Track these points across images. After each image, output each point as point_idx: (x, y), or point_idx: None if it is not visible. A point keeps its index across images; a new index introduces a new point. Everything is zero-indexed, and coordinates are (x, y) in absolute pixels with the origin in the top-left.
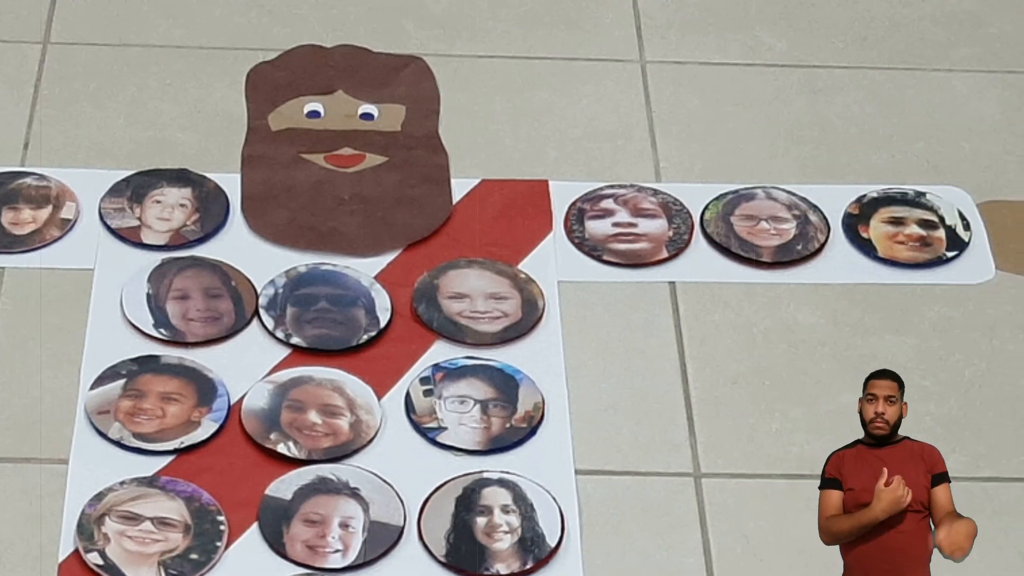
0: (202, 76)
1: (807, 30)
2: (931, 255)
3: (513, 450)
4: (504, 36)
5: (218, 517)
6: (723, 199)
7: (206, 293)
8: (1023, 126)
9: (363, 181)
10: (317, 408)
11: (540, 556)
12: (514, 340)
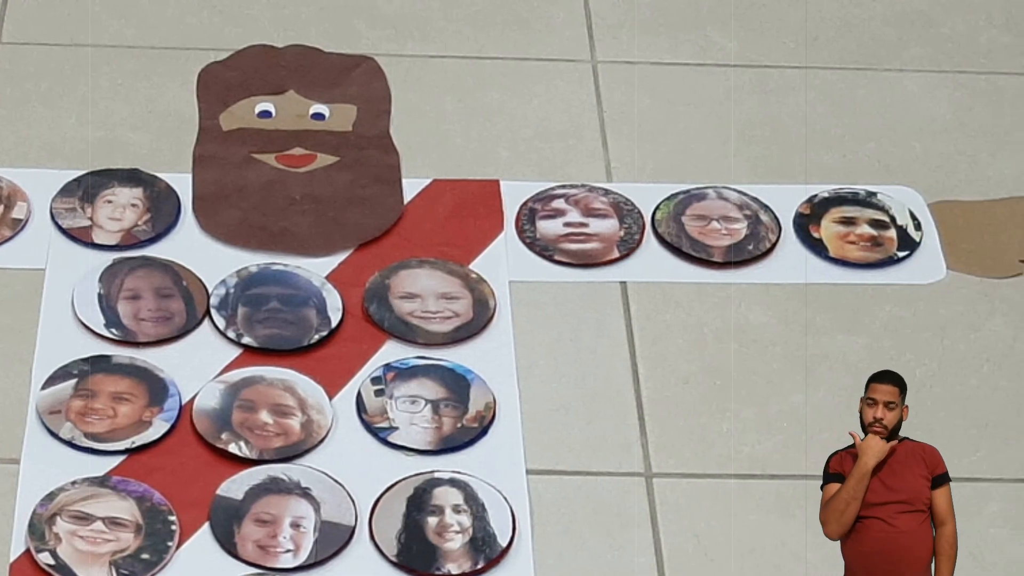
0: (153, 76)
1: (758, 30)
2: (882, 255)
3: (464, 450)
4: (455, 36)
5: (169, 517)
6: (674, 199)
7: (157, 293)
8: (974, 126)
9: (314, 181)
10: (268, 408)
11: (491, 556)
12: (465, 340)
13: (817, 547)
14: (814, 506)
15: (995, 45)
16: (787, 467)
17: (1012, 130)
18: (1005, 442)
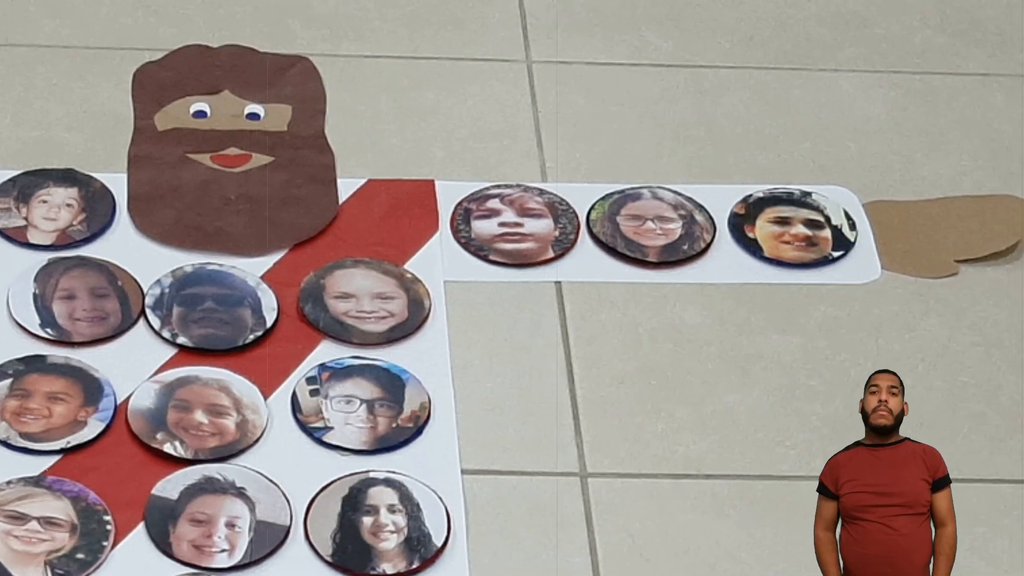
0: (88, 76)
1: (693, 30)
2: (817, 255)
3: (399, 450)
4: (390, 36)
5: (105, 517)
6: (609, 199)
7: (92, 293)
8: (909, 126)
9: (249, 181)
10: (203, 408)
11: (426, 555)
12: (400, 340)
13: (751, 546)
14: (748, 505)
15: (929, 45)
16: (722, 467)
17: (947, 130)
18: (940, 441)
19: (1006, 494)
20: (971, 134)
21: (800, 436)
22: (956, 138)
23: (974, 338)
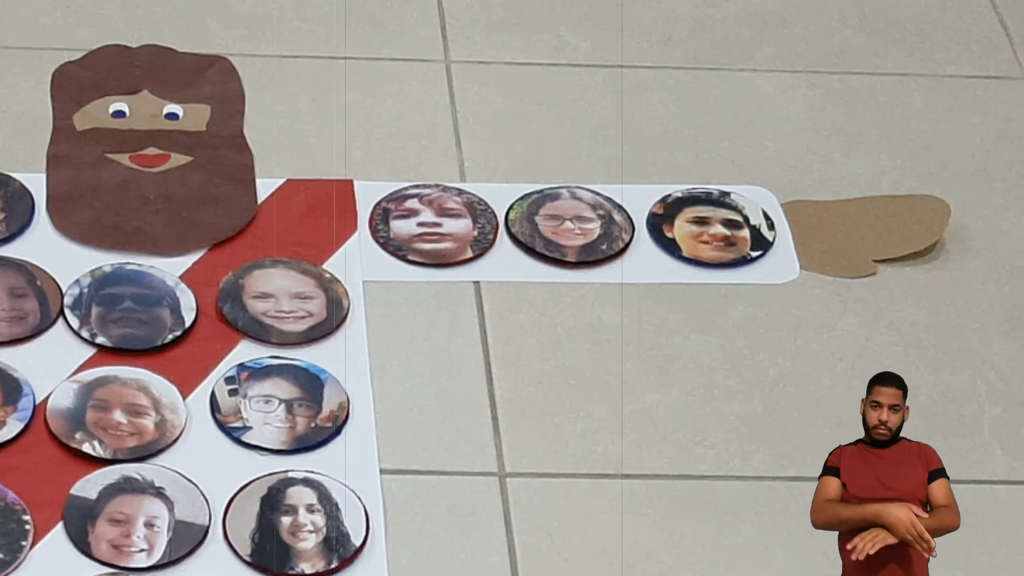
0: (7, 76)
1: (612, 30)
2: (735, 255)
3: (318, 449)
4: (309, 36)
5: (23, 516)
6: (528, 199)
7: (11, 293)
8: (827, 126)
9: (168, 181)
10: (122, 407)
11: (345, 555)
12: (319, 340)
13: (670, 546)
14: (666, 505)
15: (848, 45)
16: (640, 466)
17: (865, 130)
18: None
19: None
20: (890, 134)
21: (718, 436)
22: (875, 138)
23: (892, 338)
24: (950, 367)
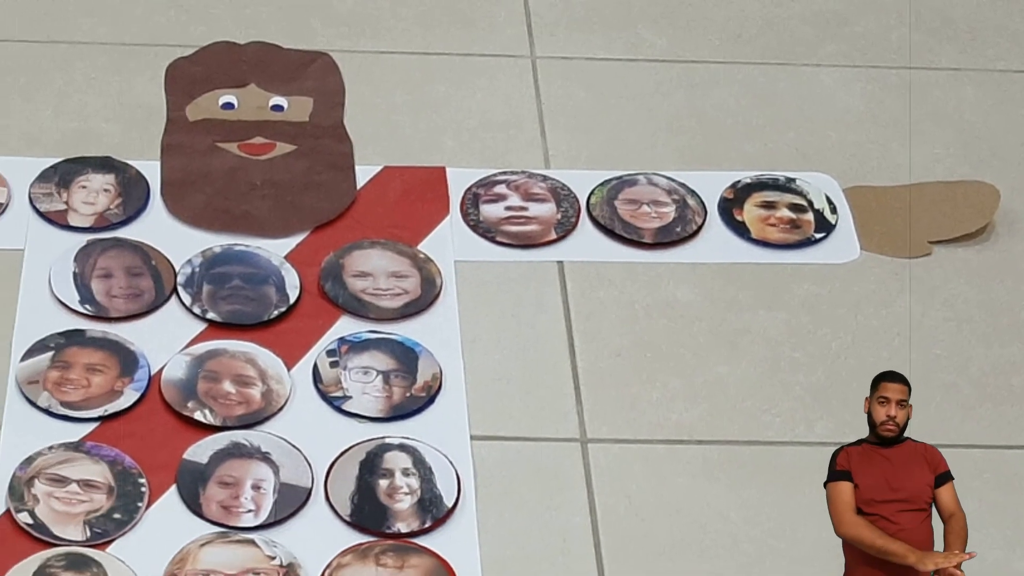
0: (124, 71)
1: (686, 28)
2: (800, 236)
3: (413, 417)
4: (404, 34)
5: (139, 479)
6: (607, 184)
7: (128, 272)
8: (885, 117)
9: (274, 168)
10: (231, 378)
11: (438, 515)
12: (414, 315)
13: (739, 507)
14: (736, 469)
15: (905, 42)
16: (712, 433)
17: (920, 120)
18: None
19: (976, 458)
20: (943, 124)
21: (784, 404)
22: (929, 128)
23: (946, 313)
24: (1000, 340)
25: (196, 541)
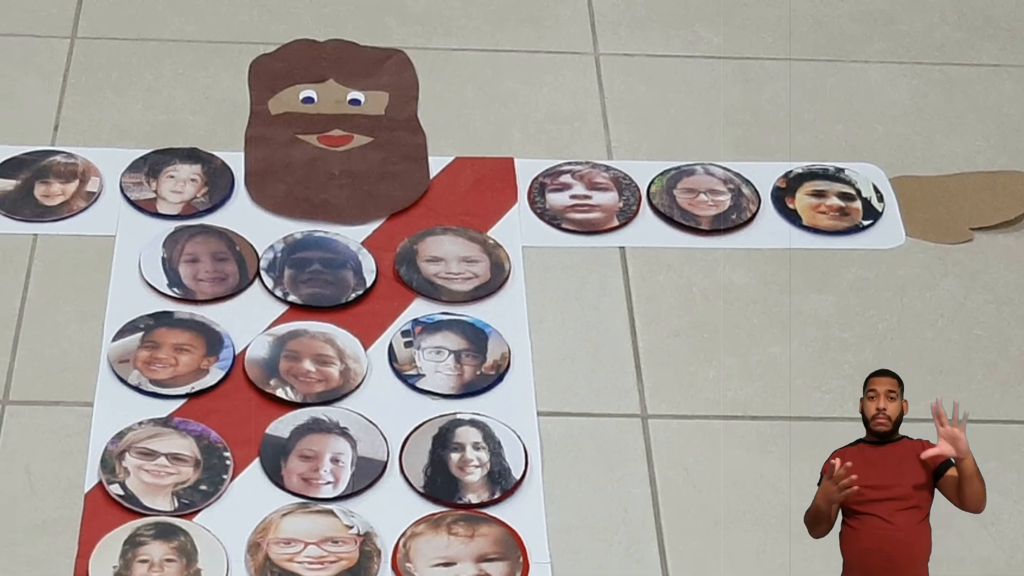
0: (210, 67)
1: (741, 26)
2: (849, 223)
3: (483, 394)
4: (475, 32)
5: (224, 453)
6: (667, 174)
7: (214, 257)
8: (929, 110)
9: (351, 159)
10: (311, 357)
11: (506, 487)
12: (484, 298)
13: (792, 479)
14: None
15: (948, 40)
16: (766, 409)
17: (962, 114)
18: (957, 387)
19: (1015, 433)
20: (984, 118)
21: (834, 382)
22: (971, 121)
23: (987, 296)
24: None
25: (278, 511)
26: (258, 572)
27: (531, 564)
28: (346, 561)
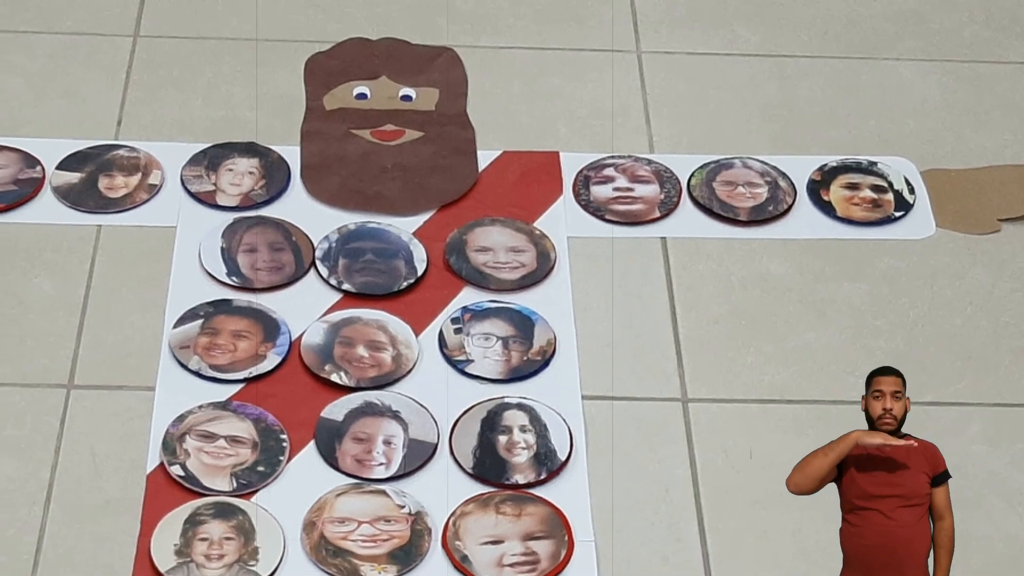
0: (267, 64)
1: (777, 25)
2: (881, 215)
3: (529, 379)
4: (522, 31)
5: (281, 435)
6: (706, 167)
7: (271, 247)
8: (959, 106)
9: (403, 152)
10: (364, 343)
11: (552, 468)
12: (530, 286)
13: None
14: (823, 426)
15: (976, 39)
16: (802, 393)
17: (990, 110)
18: (985, 372)
19: None
20: (1011, 113)
21: (867, 367)
22: (998, 116)
23: (1014, 284)
24: None
25: (332, 491)
26: (314, 550)
27: (576, 542)
28: (398, 539)
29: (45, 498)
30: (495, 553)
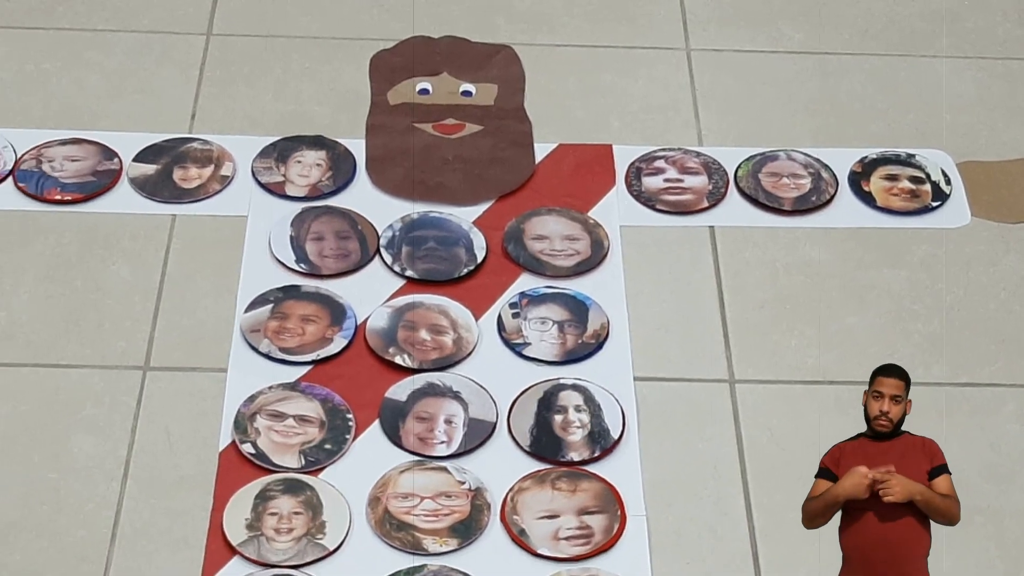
0: (334, 61)
1: (820, 24)
2: (919, 205)
3: (584, 361)
4: (576, 30)
5: (347, 415)
6: (752, 159)
7: (338, 235)
8: (993, 101)
9: (463, 145)
10: (427, 327)
11: (605, 446)
12: (585, 273)
13: None
14: None
15: (1009, 36)
16: (843, 375)
17: (1023, 104)
18: (1019, 354)
19: None
20: None
21: (905, 350)
22: None
23: None
24: None
25: (396, 468)
26: (378, 524)
27: (628, 516)
28: (459, 514)
29: (123, 474)
30: (551, 527)
